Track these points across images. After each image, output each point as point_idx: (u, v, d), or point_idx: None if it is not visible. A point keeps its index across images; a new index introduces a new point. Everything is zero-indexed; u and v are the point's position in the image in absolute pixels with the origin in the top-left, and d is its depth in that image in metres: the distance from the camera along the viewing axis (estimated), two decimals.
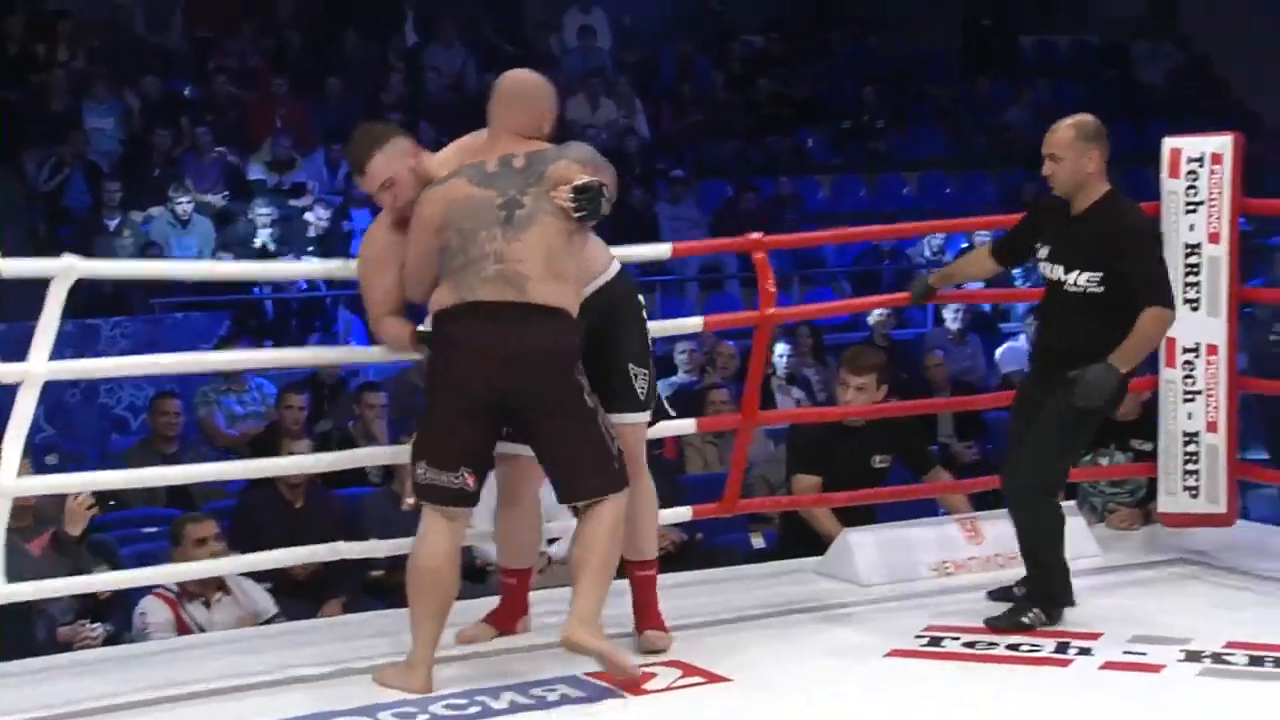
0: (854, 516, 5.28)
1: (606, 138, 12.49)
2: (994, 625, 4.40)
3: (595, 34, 13.64)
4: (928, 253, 12.07)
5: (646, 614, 4.28)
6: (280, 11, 13.09)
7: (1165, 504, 5.25)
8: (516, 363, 3.81)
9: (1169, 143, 5.18)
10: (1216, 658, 4.15)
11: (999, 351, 10.45)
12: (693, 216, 11.87)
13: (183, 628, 5.12)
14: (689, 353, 8.98)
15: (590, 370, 3.96)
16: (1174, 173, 5.13)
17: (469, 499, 3.93)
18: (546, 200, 3.88)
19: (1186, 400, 5.15)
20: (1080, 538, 5.18)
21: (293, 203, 10.97)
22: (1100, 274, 4.37)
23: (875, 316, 9.89)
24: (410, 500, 6.27)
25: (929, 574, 4.97)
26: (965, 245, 12.14)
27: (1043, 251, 4.52)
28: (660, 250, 5.28)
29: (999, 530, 5.11)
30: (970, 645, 4.32)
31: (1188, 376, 5.14)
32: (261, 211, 10.34)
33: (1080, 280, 4.40)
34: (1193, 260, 5.12)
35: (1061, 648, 4.26)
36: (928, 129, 13.98)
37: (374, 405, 7.49)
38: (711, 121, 13.13)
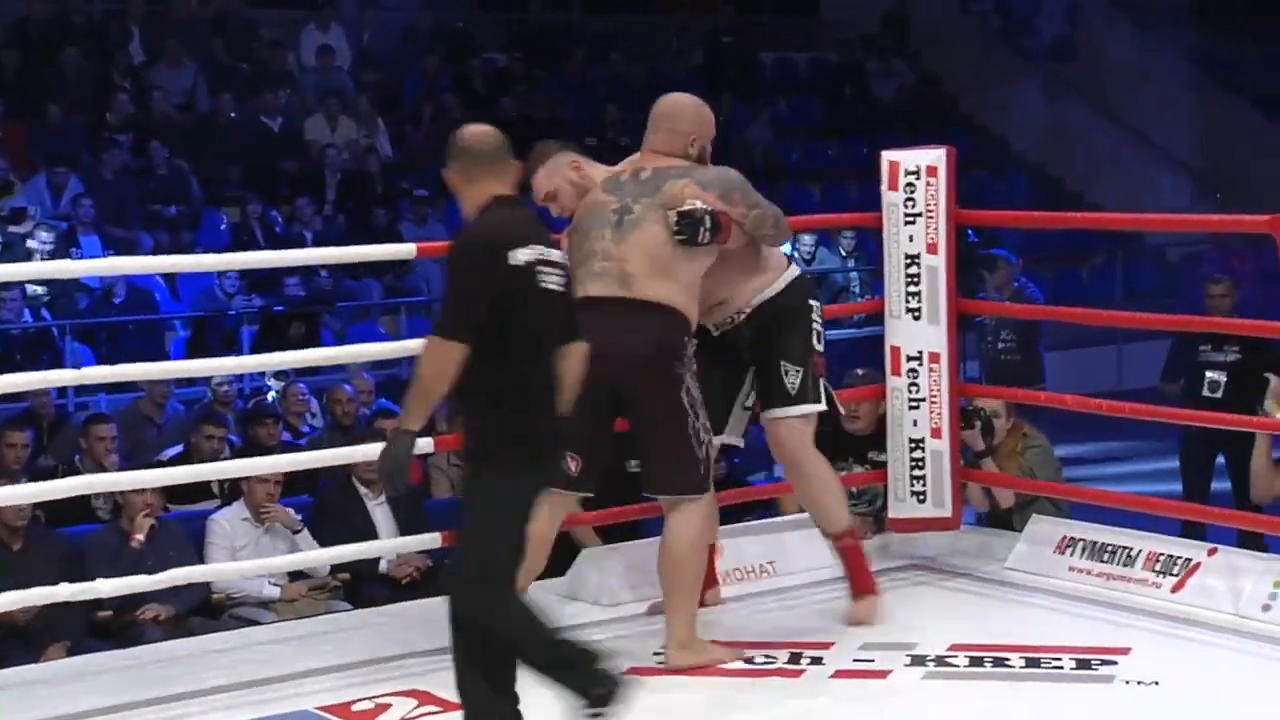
0: (615, 528, 5.32)
1: (348, 158, 12.37)
2: None
3: (334, 53, 13.49)
4: None
5: (855, 581, 4.67)
6: None
7: (895, 510, 5.38)
8: (623, 359, 4.12)
9: (887, 156, 5.32)
10: (940, 660, 4.32)
11: None
12: (439, 236, 11.83)
13: None
14: None
15: (756, 371, 4.52)
16: (893, 185, 5.28)
17: (572, 482, 4.26)
18: (657, 210, 4.25)
19: (912, 407, 5.29)
20: (815, 549, 5.34)
21: (13, 229, 10.57)
22: None
23: None
24: (140, 537, 6.13)
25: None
26: None
27: None
28: (404, 250, 5.54)
29: (739, 545, 5.23)
30: None
31: (912, 384, 5.29)
32: None
33: None
34: (913, 270, 5.27)
35: (794, 658, 4.38)
36: None
37: (104, 438, 7.26)
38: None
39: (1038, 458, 5.88)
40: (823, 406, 4.65)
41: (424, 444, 5.48)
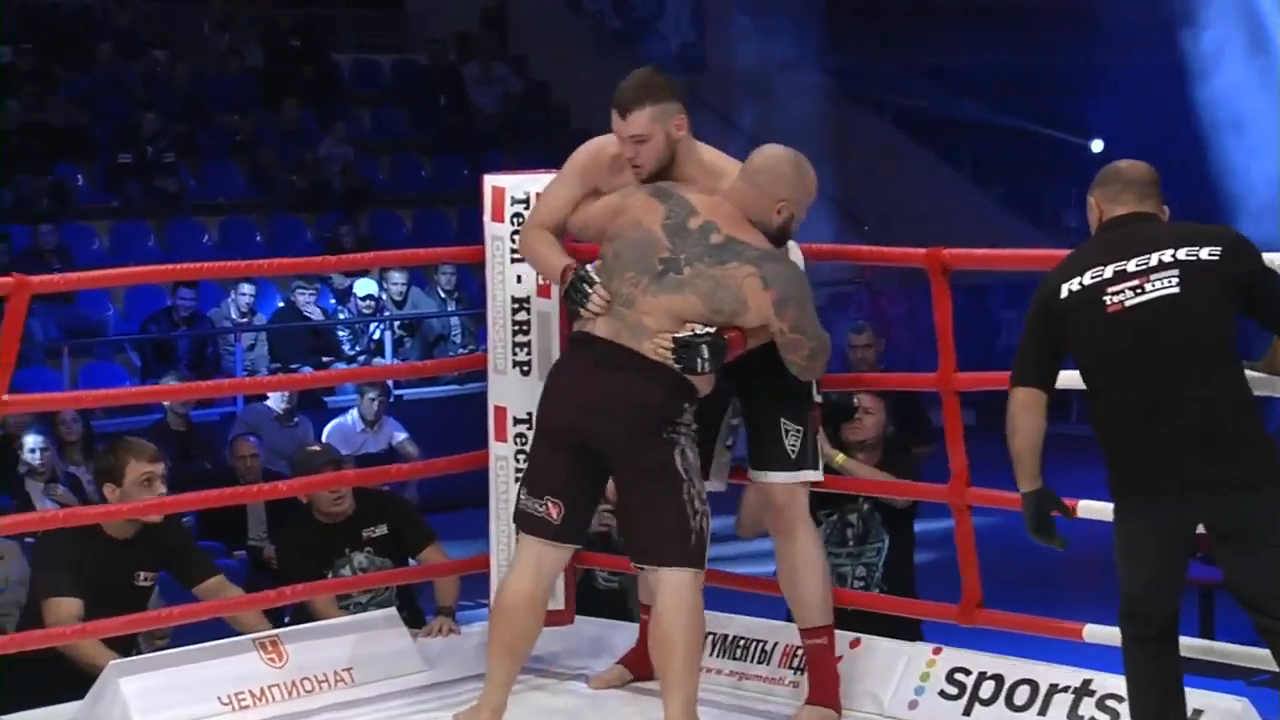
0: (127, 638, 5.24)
1: None
2: None
3: None
4: (234, 314, 12.03)
5: (813, 687, 4.76)
6: None
7: None
8: (596, 409, 4.43)
9: (490, 180, 5.31)
10: None
11: (326, 430, 10.56)
12: None
13: None
14: None
15: (748, 421, 4.75)
16: (498, 215, 5.25)
17: (551, 530, 4.52)
18: (702, 281, 4.43)
19: (520, 480, 5.23)
20: (405, 655, 5.30)
21: None
22: None
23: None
24: None
25: (221, 709, 4.93)
26: (281, 305, 12.19)
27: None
28: None
29: (305, 649, 5.13)
30: None
31: (520, 452, 5.20)
32: None
33: None
34: (521, 317, 5.22)
35: None
36: (224, 165, 13.98)
37: None
38: None
39: None
40: (820, 476, 4.79)
41: None
